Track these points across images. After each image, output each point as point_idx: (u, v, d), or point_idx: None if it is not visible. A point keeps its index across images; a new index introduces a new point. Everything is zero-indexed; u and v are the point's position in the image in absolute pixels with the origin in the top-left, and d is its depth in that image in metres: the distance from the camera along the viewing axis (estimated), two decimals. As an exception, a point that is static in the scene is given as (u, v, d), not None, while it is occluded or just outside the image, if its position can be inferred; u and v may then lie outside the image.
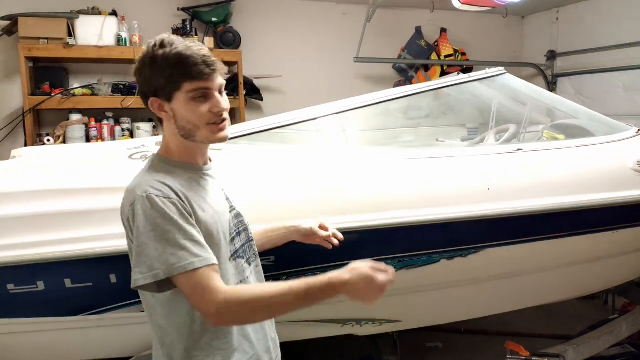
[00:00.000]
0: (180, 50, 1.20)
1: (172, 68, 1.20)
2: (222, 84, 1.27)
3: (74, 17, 4.16)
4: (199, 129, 1.24)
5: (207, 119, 1.23)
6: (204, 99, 1.23)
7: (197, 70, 1.20)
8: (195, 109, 1.22)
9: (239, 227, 1.37)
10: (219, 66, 1.24)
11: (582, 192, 2.12)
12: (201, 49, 1.23)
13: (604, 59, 5.35)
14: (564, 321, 3.39)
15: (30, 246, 1.72)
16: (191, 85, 1.20)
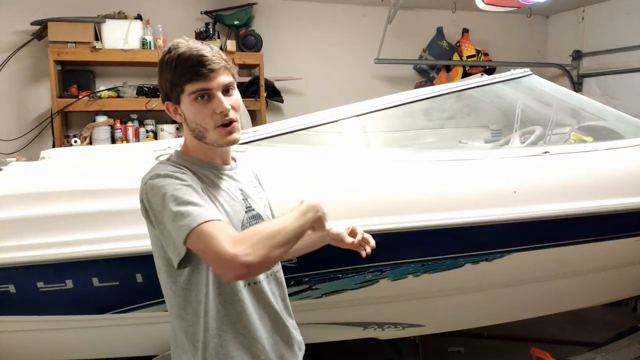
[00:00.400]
0: (180, 52, 1.20)
1: (174, 71, 1.21)
2: (228, 83, 1.23)
3: (101, 22, 4.25)
4: (208, 131, 1.24)
5: (214, 121, 1.22)
6: (207, 100, 1.21)
7: (194, 71, 1.19)
8: (199, 110, 1.22)
9: None
10: (219, 65, 1.20)
11: (611, 196, 2.08)
12: (200, 50, 1.19)
13: (631, 58, 5.22)
14: (590, 328, 3.31)
15: (59, 245, 1.76)
16: (192, 86, 1.20)
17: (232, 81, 1.25)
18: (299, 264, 1.84)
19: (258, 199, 1.38)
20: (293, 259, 1.76)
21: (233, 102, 1.24)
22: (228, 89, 1.24)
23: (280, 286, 1.40)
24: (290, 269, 1.85)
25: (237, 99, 1.26)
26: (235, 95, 1.25)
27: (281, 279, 1.42)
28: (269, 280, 1.35)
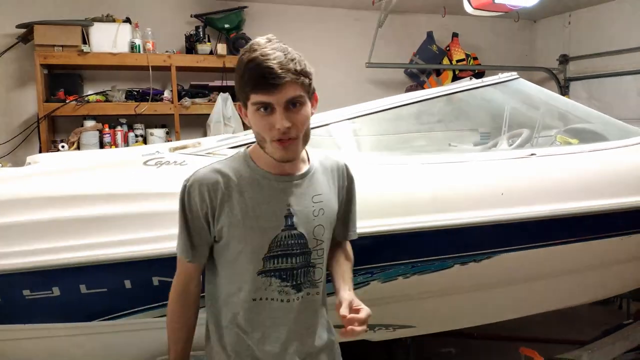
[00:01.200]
0: (251, 58, 1.16)
1: (242, 77, 1.19)
2: (292, 97, 1.17)
3: (89, 25, 4.22)
4: (266, 142, 1.22)
5: (271, 135, 1.19)
6: (269, 113, 1.18)
7: (257, 83, 1.16)
8: (259, 121, 1.20)
9: (292, 249, 1.29)
10: (283, 80, 1.14)
11: (596, 197, 2.11)
12: (269, 60, 1.14)
13: (616, 62, 5.30)
14: (577, 326, 3.36)
15: (46, 252, 1.74)
16: (254, 97, 1.18)
17: (300, 95, 1.19)
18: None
19: (311, 217, 1.31)
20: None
21: (296, 118, 1.19)
22: (295, 102, 1.19)
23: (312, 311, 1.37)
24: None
25: (301, 115, 1.20)
26: (302, 110, 1.20)
27: (317, 302, 1.38)
28: (289, 302, 1.31)
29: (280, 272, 1.29)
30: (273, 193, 1.28)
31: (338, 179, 1.40)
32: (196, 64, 4.60)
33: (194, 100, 4.57)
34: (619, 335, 2.63)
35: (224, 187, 1.25)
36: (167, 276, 1.79)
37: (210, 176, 1.27)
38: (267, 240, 1.27)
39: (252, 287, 1.29)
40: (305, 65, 1.22)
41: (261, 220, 1.26)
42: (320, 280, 1.36)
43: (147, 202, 1.82)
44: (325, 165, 1.38)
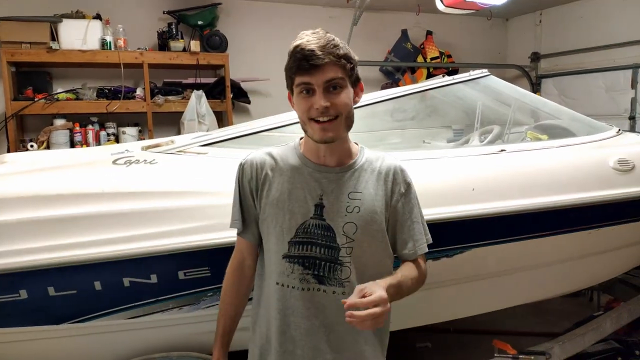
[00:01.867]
0: (296, 44, 1.23)
1: (289, 61, 1.26)
2: (332, 78, 1.23)
3: (57, 21, 4.12)
4: (306, 124, 1.28)
5: (309, 115, 1.25)
6: (310, 94, 1.24)
7: (297, 65, 1.23)
8: (302, 103, 1.26)
9: (318, 239, 1.30)
10: (323, 61, 1.20)
11: (565, 192, 2.15)
12: (311, 44, 1.21)
13: (585, 60, 5.44)
14: (550, 319, 3.43)
15: (12, 254, 1.70)
16: (298, 79, 1.25)
17: (340, 77, 1.24)
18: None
19: (343, 212, 1.31)
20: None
21: (335, 99, 1.24)
22: (335, 85, 1.24)
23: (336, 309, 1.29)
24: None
25: (341, 97, 1.25)
26: (342, 93, 1.25)
27: (336, 304, 1.30)
28: (309, 291, 1.32)
29: (304, 260, 1.31)
30: (309, 180, 1.33)
31: (389, 183, 1.36)
32: (169, 61, 4.54)
33: (167, 97, 4.52)
34: (589, 327, 2.69)
35: (269, 168, 1.35)
36: (138, 277, 1.78)
37: (260, 157, 1.38)
38: (294, 224, 1.31)
39: (278, 270, 1.33)
40: (349, 52, 1.27)
41: (293, 204, 1.32)
42: (348, 280, 1.31)
43: (117, 202, 1.79)
44: (375, 166, 1.37)
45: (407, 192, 1.37)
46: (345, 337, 1.35)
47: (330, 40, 1.23)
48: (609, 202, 2.23)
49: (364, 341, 1.38)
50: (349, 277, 1.32)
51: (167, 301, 1.83)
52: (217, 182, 1.90)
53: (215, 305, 1.86)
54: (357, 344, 1.37)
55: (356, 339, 1.36)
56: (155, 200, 1.81)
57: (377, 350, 1.42)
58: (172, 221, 1.78)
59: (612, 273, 2.77)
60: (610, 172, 2.28)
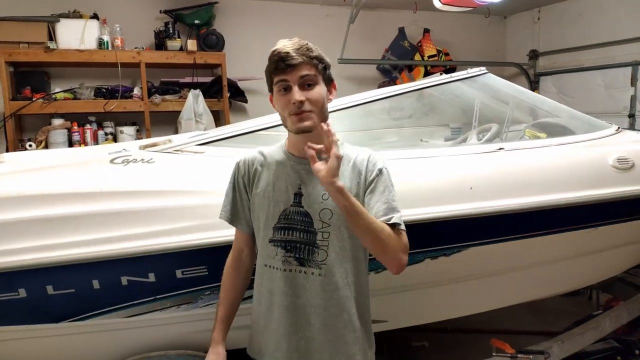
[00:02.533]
0: (273, 49, 1.39)
1: (268, 64, 1.41)
2: (305, 75, 1.37)
3: (55, 21, 4.12)
4: (286, 119, 1.42)
5: (289, 110, 1.39)
6: (287, 92, 1.38)
7: (275, 65, 1.38)
8: (280, 100, 1.40)
9: (297, 224, 1.43)
10: (297, 61, 1.35)
11: (563, 190, 2.15)
12: (286, 48, 1.37)
13: (584, 57, 5.44)
14: (548, 318, 3.42)
15: (11, 253, 1.70)
16: (276, 78, 1.39)
17: (313, 75, 1.39)
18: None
19: (319, 200, 1.44)
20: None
21: (310, 95, 1.38)
22: (309, 83, 1.39)
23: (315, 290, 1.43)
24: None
25: (315, 93, 1.39)
26: (315, 89, 1.40)
27: (321, 283, 1.43)
28: (291, 272, 1.44)
29: (285, 244, 1.45)
30: (290, 172, 1.47)
31: (362, 171, 1.47)
32: (166, 61, 4.54)
33: (164, 97, 4.51)
34: (588, 326, 2.68)
35: (259, 164, 1.52)
36: (136, 276, 1.78)
37: (252, 155, 1.55)
38: (277, 211, 1.46)
39: (265, 253, 1.49)
40: (321, 55, 1.43)
41: (276, 193, 1.47)
42: (324, 262, 1.43)
43: (114, 201, 1.79)
44: (351, 158, 1.48)
45: (379, 177, 1.46)
46: (325, 317, 1.45)
47: (303, 45, 1.39)
48: (608, 200, 2.23)
49: (344, 325, 1.46)
50: (325, 260, 1.44)
51: (164, 300, 1.83)
52: (214, 181, 1.90)
53: (213, 304, 1.87)
54: (338, 328, 1.46)
55: (336, 322, 1.46)
56: (152, 199, 1.80)
57: (360, 337, 1.49)
58: (169, 220, 1.78)
59: (611, 272, 2.77)
60: (610, 170, 2.28)
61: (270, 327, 1.48)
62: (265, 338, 1.50)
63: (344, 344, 1.46)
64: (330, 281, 1.44)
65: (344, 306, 1.45)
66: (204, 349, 1.98)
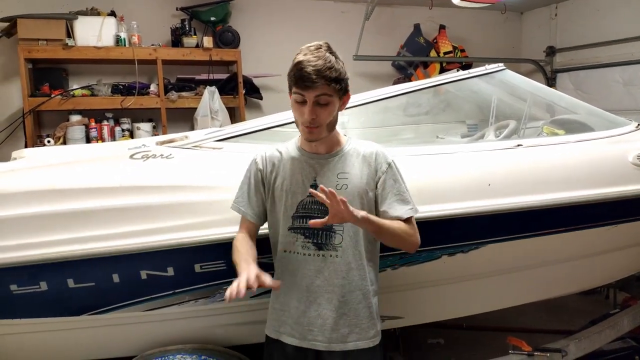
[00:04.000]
0: (298, 60, 1.46)
1: (290, 72, 1.50)
2: (321, 96, 1.47)
3: (73, 18, 4.16)
4: (298, 125, 1.56)
5: (301, 120, 1.52)
6: (302, 104, 1.49)
7: (295, 81, 1.47)
8: (295, 108, 1.52)
9: (314, 212, 1.56)
10: (315, 84, 1.44)
11: (582, 187, 2.12)
12: (308, 66, 1.43)
13: (602, 54, 5.35)
14: (565, 316, 3.40)
15: (33, 247, 1.73)
16: (294, 90, 1.50)
17: (328, 95, 1.48)
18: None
19: (334, 190, 1.47)
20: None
21: (321, 112, 1.49)
22: (324, 102, 1.48)
23: (332, 270, 1.57)
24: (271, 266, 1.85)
25: (326, 111, 1.50)
26: (327, 107, 1.50)
27: (338, 264, 1.57)
28: (310, 256, 1.58)
29: (304, 230, 1.58)
30: (304, 166, 1.61)
31: (372, 163, 1.61)
32: (182, 57, 4.57)
33: (180, 93, 4.54)
34: (605, 325, 2.66)
35: (276, 160, 1.65)
36: (155, 270, 1.80)
37: (268, 152, 1.67)
38: (295, 202, 1.59)
39: (284, 240, 1.62)
40: (340, 74, 1.50)
41: (293, 186, 1.60)
42: (340, 245, 1.58)
43: (134, 196, 1.81)
44: (359, 151, 1.62)
45: (388, 170, 1.61)
46: (342, 294, 1.58)
47: (327, 62, 1.45)
48: (628, 198, 2.20)
49: (359, 301, 1.60)
50: (341, 243, 1.58)
51: (183, 294, 1.85)
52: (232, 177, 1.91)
53: (231, 299, 1.88)
54: (353, 303, 1.59)
55: (352, 298, 1.59)
56: (172, 194, 1.82)
57: (373, 312, 1.64)
58: (189, 215, 1.80)
59: (629, 270, 2.74)
60: (630, 167, 2.24)
61: (291, 305, 1.61)
62: (285, 316, 1.62)
63: (359, 318, 1.60)
64: (346, 262, 1.58)
65: (359, 284, 1.60)
66: (221, 343, 2.01)
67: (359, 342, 1.59)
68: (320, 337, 1.57)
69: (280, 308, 1.64)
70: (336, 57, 1.50)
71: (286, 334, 1.61)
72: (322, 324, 1.58)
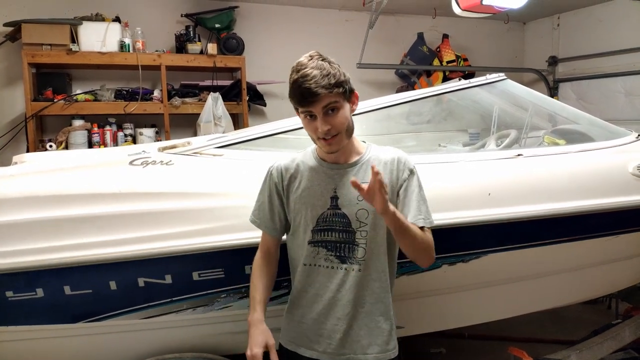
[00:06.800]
0: (294, 79, 1.42)
1: (290, 92, 1.46)
2: (328, 105, 1.42)
3: (77, 24, 4.19)
4: (315, 141, 1.51)
5: (317, 135, 1.46)
6: (313, 119, 1.45)
7: (299, 100, 1.43)
8: (307, 125, 1.48)
9: (336, 225, 1.53)
10: (318, 96, 1.39)
11: (582, 197, 2.12)
12: (305, 81, 1.39)
13: (604, 64, 5.36)
14: (567, 326, 3.37)
15: (29, 253, 1.72)
16: (300, 109, 1.46)
17: (335, 101, 1.43)
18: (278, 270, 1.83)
19: (354, 201, 1.52)
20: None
21: (334, 121, 1.44)
22: (333, 108, 1.44)
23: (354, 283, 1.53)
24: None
25: (339, 118, 1.45)
26: (339, 114, 1.45)
27: (361, 277, 1.53)
28: (333, 269, 1.54)
29: (326, 243, 1.54)
30: (324, 177, 1.55)
31: (394, 171, 1.56)
32: (186, 64, 4.58)
33: (184, 99, 4.55)
34: (607, 335, 2.63)
35: (294, 171, 1.60)
36: (153, 277, 1.79)
37: (285, 163, 1.62)
38: (315, 215, 1.54)
39: (305, 254, 1.57)
40: (339, 77, 1.44)
41: (312, 198, 1.55)
42: (363, 259, 1.53)
43: (133, 202, 1.81)
44: (380, 159, 1.56)
45: (410, 177, 1.55)
46: (364, 307, 1.55)
47: (322, 71, 1.41)
48: (628, 208, 2.19)
49: (380, 313, 1.56)
50: (364, 256, 1.54)
51: (181, 302, 1.84)
52: (231, 184, 1.91)
53: (228, 307, 1.87)
54: (375, 316, 1.56)
55: (374, 310, 1.56)
56: (170, 201, 1.82)
57: (393, 324, 1.61)
58: (187, 222, 1.79)
59: (630, 281, 2.71)
60: (630, 178, 2.24)
61: (310, 318, 1.57)
62: (304, 328, 1.58)
63: (380, 330, 1.56)
64: (369, 274, 1.54)
65: (380, 296, 1.56)
66: (219, 352, 2.00)
67: (380, 354, 1.56)
68: (342, 350, 1.54)
69: (299, 320, 1.60)
70: (329, 62, 1.46)
71: (305, 346, 1.58)
72: (343, 336, 1.54)
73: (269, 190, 1.62)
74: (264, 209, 1.62)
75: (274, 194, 1.61)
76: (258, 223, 1.63)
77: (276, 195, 1.61)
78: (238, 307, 1.87)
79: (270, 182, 1.62)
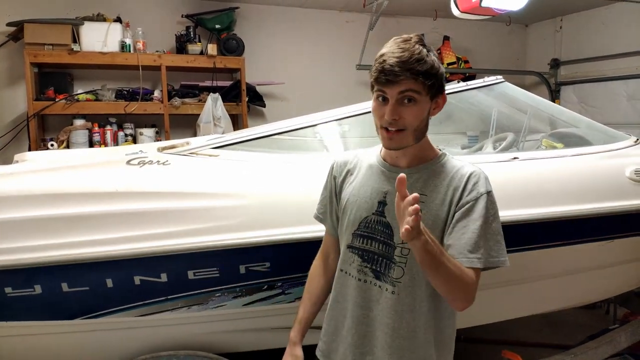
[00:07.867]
0: (383, 52, 1.27)
1: (374, 66, 1.29)
2: (406, 92, 1.24)
3: (79, 24, 4.21)
4: (377, 128, 1.33)
5: (381, 122, 1.30)
6: (384, 102, 1.28)
7: (378, 76, 1.26)
8: (376, 108, 1.31)
9: (376, 234, 1.36)
10: (398, 78, 1.22)
11: (579, 202, 2.11)
12: (391, 58, 1.23)
13: (607, 67, 5.35)
14: (563, 331, 3.37)
15: (28, 250, 1.74)
16: (375, 86, 1.29)
17: (414, 91, 1.25)
18: (272, 269, 1.84)
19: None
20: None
21: (405, 112, 1.26)
22: (410, 98, 1.25)
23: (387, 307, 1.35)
24: (263, 274, 1.85)
25: (412, 111, 1.26)
26: (414, 107, 1.26)
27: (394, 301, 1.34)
28: (366, 283, 1.38)
29: (363, 252, 1.38)
30: (377, 178, 1.40)
31: (458, 187, 1.31)
32: (186, 64, 4.60)
33: (184, 100, 4.58)
34: (602, 340, 2.63)
35: (351, 166, 1.48)
36: (149, 275, 1.81)
37: (345, 156, 1.52)
38: (359, 217, 1.39)
39: (343, 258, 1.44)
40: (432, 67, 1.26)
41: (360, 199, 1.40)
42: (399, 280, 1.33)
43: (129, 202, 1.82)
44: (449, 171, 1.34)
45: (477, 201, 1.29)
46: (394, 338, 1.35)
47: (414, 54, 1.23)
48: (625, 212, 2.19)
49: (413, 350, 1.35)
50: (400, 278, 1.33)
51: (176, 300, 1.86)
52: (227, 184, 1.92)
53: (222, 306, 1.89)
54: (405, 350, 1.35)
55: (405, 345, 1.35)
56: (166, 200, 1.83)
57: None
58: (182, 221, 1.80)
59: (626, 286, 2.71)
60: (626, 182, 2.24)
61: (341, 334, 1.44)
62: (336, 342, 1.46)
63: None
64: (403, 302, 1.33)
65: (415, 331, 1.34)
66: (213, 350, 2.01)
67: None
68: None
69: (332, 332, 1.47)
70: (428, 49, 1.27)
71: None
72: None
73: (330, 185, 1.51)
74: (325, 204, 1.52)
75: (332, 190, 1.51)
76: (321, 219, 1.54)
77: (333, 191, 1.51)
78: (232, 306, 1.89)
79: (330, 176, 1.52)
